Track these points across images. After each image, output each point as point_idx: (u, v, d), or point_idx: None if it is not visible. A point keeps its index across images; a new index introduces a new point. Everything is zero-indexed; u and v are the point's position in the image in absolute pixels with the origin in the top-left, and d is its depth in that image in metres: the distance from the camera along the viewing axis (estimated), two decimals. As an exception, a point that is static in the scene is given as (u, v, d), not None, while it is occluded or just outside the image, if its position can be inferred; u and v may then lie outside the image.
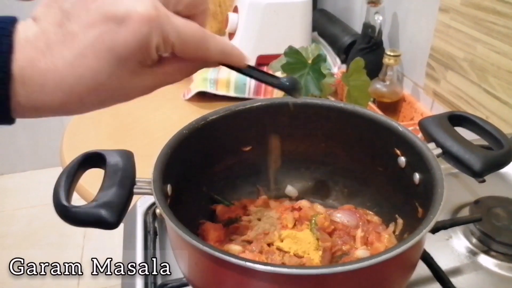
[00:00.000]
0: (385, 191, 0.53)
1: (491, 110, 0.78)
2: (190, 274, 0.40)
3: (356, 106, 0.52)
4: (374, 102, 0.97)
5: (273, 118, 0.53)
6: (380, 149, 0.51)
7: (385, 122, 0.49)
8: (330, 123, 0.53)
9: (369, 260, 0.33)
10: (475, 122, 0.49)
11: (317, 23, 1.22)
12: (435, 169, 0.42)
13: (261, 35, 1.08)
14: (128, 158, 0.39)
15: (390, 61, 0.93)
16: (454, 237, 0.55)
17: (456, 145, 0.45)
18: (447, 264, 0.51)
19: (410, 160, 0.47)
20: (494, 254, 0.52)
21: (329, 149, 0.55)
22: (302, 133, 0.55)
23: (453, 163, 0.45)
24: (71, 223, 0.34)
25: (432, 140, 0.46)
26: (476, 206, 0.56)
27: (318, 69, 0.84)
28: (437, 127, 0.47)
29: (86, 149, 0.41)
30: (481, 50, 0.78)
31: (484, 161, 0.43)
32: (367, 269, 0.33)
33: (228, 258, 0.33)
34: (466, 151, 0.44)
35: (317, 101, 0.54)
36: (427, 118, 0.49)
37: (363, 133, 0.52)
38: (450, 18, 0.84)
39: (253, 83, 1.07)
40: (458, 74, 0.85)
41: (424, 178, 0.45)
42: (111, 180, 0.36)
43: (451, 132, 0.46)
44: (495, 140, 0.47)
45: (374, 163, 0.53)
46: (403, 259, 0.38)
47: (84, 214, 0.33)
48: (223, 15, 1.26)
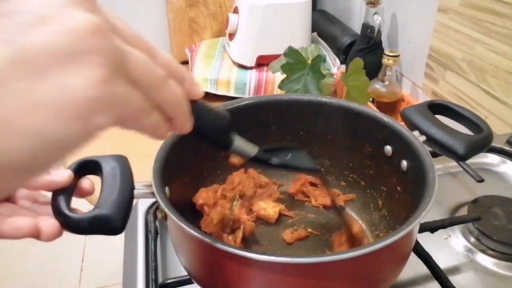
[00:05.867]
0: (370, 181, 0.55)
1: (490, 110, 0.78)
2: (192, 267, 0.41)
3: (340, 100, 0.53)
4: (373, 102, 0.97)
5: (261, 115, 0.55)
6: (365, 140, 0.52)
7: (369, 114, 0.51)
8: (316, 118, 0.55)
9: (362, 249, 0.34)
10: (454, 109, 0.51)
11: (316, 23, 1.23)
12: (423, 155, 0.43)
13: (261, 35, 1.09)
14: (124, 162, 0.39)
15: (389, 61, 0.93)
16: (452, 236, 0.56)
17: (439, 131, 0.47)
18: (446, 263, 0.52)
19: (396, 148, 0.49)
20: (492, 253, 0.53)
21: (315, 145, 0.57)
22: (290, 128, 0.56)
23: (438, 148, 0.47)
24: (74, 232, 0.33)
25: (416, 128, 0.48)
26: (475, 205, 0.57)
27: (318, 69, 0.85)
28: (419, 115, 0.49)
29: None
30: (479, 50, 0.78)
31: (467, 145, 0.45)
32: (360, 258, 0.34)
33: (228, 248, 0.34)
34: (449, 136, 0.46)
35: (303, 97, 0.55)
36: (408, 108, 0.51)
37: (349, 127, 0.53)
38: (449, 18, 0.85)
39: (253, 84, 1.08)
40: (457, 74, 0.85)
41: (412, 165, 0.46)
42: (110, 185, 0.36)
43: (432, 119, 0.48)
44: (474, 125, 0.49)
45: (360, 154, 0.54)
46: (396, 247, 0.38)
47: (88, 221, 0.33)
48: (223, 16, 1.27)
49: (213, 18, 1.29)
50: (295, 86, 0.85)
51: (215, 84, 1.08)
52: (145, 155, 0.44)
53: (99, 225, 0.34)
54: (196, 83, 0.31)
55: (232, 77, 1.08)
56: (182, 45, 1.30)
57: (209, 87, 1.07)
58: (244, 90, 1.08)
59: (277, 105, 0.55)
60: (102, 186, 0.37)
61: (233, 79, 1.08)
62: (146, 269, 0.49)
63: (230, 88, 1.08)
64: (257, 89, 1.08)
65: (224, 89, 1.08)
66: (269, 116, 0.55)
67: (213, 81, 1.07)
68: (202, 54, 1.18)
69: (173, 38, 1.30)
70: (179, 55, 1.31)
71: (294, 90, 0.85)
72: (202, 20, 1.28)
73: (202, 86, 1.05)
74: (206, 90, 1.06)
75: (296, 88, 0.85)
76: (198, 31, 1.30)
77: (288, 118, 0.55)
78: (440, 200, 0.61)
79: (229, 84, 1.08)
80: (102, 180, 0.38)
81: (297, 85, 0.85)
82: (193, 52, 1.22)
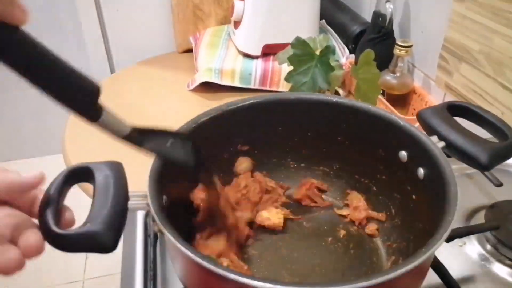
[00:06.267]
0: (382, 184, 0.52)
1: (507, 106, 0.75)
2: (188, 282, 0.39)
3: (352, 100, 0.51)
4: (383, 95, 0.93)
5: (267, 115, 0.52)
6: (378, 143, 0.49)
7: (383, 115, 0.47)
8: (325, 118, 0.52)
9: (383, 276, 0.31)
10: (476, 112, 0.47)
11: (325, 11, 1.18)
12: (444, 165, 0.40)
13: (268, 23, 1.05)
14: (118, 170, 0.36)
15: (401, 52, 0.89)
16: (468, 243, 0.53)
17: (460, 138, 0.43)
18: (460, 272, 0.49)
19: (412, 154, 0.46)
20: (510, 263, 0.50)
21: (324, 146, 0.54)
22: (298, 129, 0.53)
23: (458, 156, 0.44)
24: (62, 249, 0.31)
25: (434, 132, 0.45)
26: (492, 211, 0.53)
27: (327, 62, 0.81)
28: (438, 119, 0.46)
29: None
30: (498, 42, 0.74)
31: (490, 154, 0.42)
32: (381, 284, 0.31)
33: (227, 273, 0.32)
34: (471, 144, 0.43)
35: (313, 96, 0.52)
36: (426, 109, 0.47)
37: (360, 128, 0.50)
38: (465, 7, 0.80)
39: (259, 74, 1.04)
40: (473, 67, 0.81)
41: (430, 173, 0.43)
42: (102, 197, 0.33)
43: (452, 123, 0.45)
44: (498, 131, 0.45)
45: (373, 158, 0.51)
46: (416, 270, 0.36)
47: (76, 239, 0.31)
48: (228, 2, 1.22)
49: (218, 5, 1.24)
50: (302, 79, 0.82)
51: (219, 74, 1.04)
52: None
53: (88, 243, 0.31)
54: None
55: (237, 66, 1.04)
56: (186, 33, 1.26)
57: (213, 77, 1.03)
58: (250, 80, 1.05)
59: (284, 104, 0.51)
60: (94, 197, 0.35)
61: (238, 69, 1.04)
62: (144, 278, 0.47)
63: (235, 78, 1.04)
64: (263, 79, 1.04)
65: (229, 79, 1.04)
66: (275, 116, 0.52)
67: (218, 70, 1.04)
68: (207, 43, 1.15)
69: (176, 26, 1.26)
70: (183, 44, 1.27)
71: (301, 83, 0.82)
72: (207, 7, 1.24)
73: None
74: (210, 80, 1.03)
75: (304, 81, 0.81)
76: (202, 18, 1.26)
77: (296, 118, 0.52)
78: (455, 204, 0.58)
79: (234, 74, 1.04)
80: (94, 190, 0.35)
81: (305, 78, 0.82)
82: (197, 40, 1.18)
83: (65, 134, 0.90)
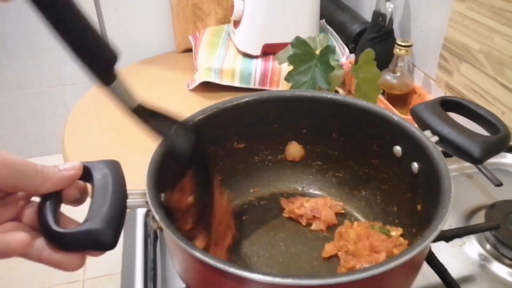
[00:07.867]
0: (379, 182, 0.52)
1: (507, 105, 0.75)
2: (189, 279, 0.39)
3: (346, 97, 0.51)
4: (383, 94, 0.93)
5: (262, 113, 0.52)
6: (372, 139, 0.50)
7: (377, 111, 0.48)
8: (320, 115, 0.52)
9: (376, 269, 0.32)
10: (469, 107, 0.48)
11: (325, 10, 1.18)
12: (437, 159, 0.41)
13: (268, 23, 1.05)
14: (116, 169, 0.36)
15: (401, 51, 0.89)
16: (467, 243, 0.53)
17: (453, 132, 0.44)
18: (459, 272, 0.49)
19: (406, 149, 0.46)
20: (510, 263, 0.50)
21: (319, 143, 0.54)
22: (293, 126, 0.54)
23: (451, 150, 0.45)
24: (63, 249, 0.31)
25: (427, 127, 0.46)
26: (492, 210, 0.53)
27: (327, 61, 0.81)
28: (431, 113, 0.46)
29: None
30: (499, 42, 0.74)
31: (483, 147, 0.42)
32: (372, 278, 0.32)
33: (228, 268, 0.32)
34: (464, 137, 0.43)
35: (307, 93, 0.53)
36: (419, 105, 0.48)
37: (355, 125, 0.51)
38: (466, 7, 0.80)
39: (258, 73, 1.04)
40: (473, 66, 0.81)
41: (424, 168, 0.44)
42: (101, 195, 0.33)
43: (445, 118, 0.46)
44: (490, 125, 0.46)
45: (368, 154, 0.51)
46: (411, 262, 0.36)
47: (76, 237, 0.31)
48: (228, 2, 1.22)
49: (217, 4, 1.24)
50: (302, 79, 0.81)
51: (219, 73, 1.04)
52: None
53: (88, 241, 0.31)
54: None
55: (237, 66, 1.04)
56: (186, 32, 1.26)
57: (213, 76, 1.03)
58: (250, 80, 1.05)
59: (279, 101, 0.52)
60: (93, 195, 0.35)
61: (238, 69, 1.04)
62: (144, 278, 0.47)
63: (235, 78, 1.04)
64: (263, 79, 1.04)
65: (229, 79, 1.04)
66: (271, 114, 0.52)
67: (217, 70, 1.04)
68: (206, 42, 1.14)
69: (176, 25, 1.26)
70: (183, 43, 1.27)
71: (301, 83, 0.81)
72: (207, 6, 1.24)
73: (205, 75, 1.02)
74: (210, 80, 1.03)
75: (304, 81, 0.81)
76: (202, 17, 1.25)
77: (291, 115, 0.53)
78: (455, 204, 0.56)
79: (234, 73, 1.04)
80: (93, 189, 0.35)
81: (305, 77, 0.81)
82: (197, 40, 1.18)
83: (65, 134, 0.90)
